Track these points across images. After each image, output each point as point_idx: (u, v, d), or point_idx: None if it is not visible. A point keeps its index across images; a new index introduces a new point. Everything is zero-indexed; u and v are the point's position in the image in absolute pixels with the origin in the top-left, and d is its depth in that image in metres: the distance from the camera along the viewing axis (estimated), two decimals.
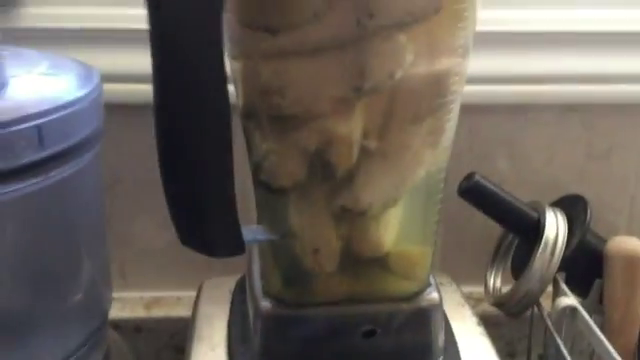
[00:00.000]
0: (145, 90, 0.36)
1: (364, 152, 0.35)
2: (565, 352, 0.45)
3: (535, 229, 0.50)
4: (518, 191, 0.55)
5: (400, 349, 0.39)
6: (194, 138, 0.33)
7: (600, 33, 0.55)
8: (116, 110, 0.50)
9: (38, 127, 0.35)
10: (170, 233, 0.64)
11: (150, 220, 0.61)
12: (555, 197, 0.55)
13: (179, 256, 0.63)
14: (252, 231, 0.37)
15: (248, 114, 0.37)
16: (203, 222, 0.34)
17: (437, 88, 0.35)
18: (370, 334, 0.39)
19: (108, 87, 0.47)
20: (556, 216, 0.51)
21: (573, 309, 0.46)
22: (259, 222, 0.39)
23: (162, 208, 0.63)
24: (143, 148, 0.58)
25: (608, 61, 0.56)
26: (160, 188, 0.62)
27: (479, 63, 0.54)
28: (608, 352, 0.42)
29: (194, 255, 0.64)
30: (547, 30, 0.55)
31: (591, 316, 0.51)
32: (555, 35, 0.55)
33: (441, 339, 0.40)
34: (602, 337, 0.43)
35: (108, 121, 0.45)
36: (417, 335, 0.39)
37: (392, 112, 0.35)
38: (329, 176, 0.36)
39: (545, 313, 0.48)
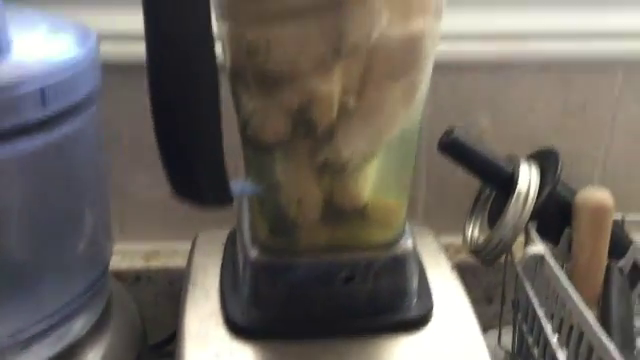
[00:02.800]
0: (142, 50, 0.39)
1: (343, 110, 0.38)
2: (532, 295, 0.48)
3: (510, 181, 0.53)
4: (497, 145, 0.58)
5: (377, 293, 0.43)
6: (184, 95, 0.35)
7: None
8: (114, 69, 0.52)
9: (41, 88, 0.37)
10: (167, 188, 0.67)
11: (147, 175, 0.63)
12: (533, 149, 0.58)
13: (175, 210, 0.66)
14: (240, 184, 0.40)
15: (235, 74, 0.39)
16: (193, 174, 0.37)
17: (411, 49, 0.38)
18: (349, 279, 0.42)
19: (106, 47, 0.49)
20: (529, 168, 0.54)
21: (541, 257, 0.49)
22: (247, 176, 0.42)
23: (159, 163, 0.66)
24: (140, 106, 0.61)
25: (583, 19, 0.58)
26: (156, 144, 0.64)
27: (460, 22, 0.57)
28: (570, 297, 0.45)
29: (190, 209, 0.67)
30: None
31: (562, 263, 0.54)
32: None
33: (415, 283, 0.44)
34: (566, 283, 0.46)
35: (106, 80, 0.47)
36: (393, 280, 0.43)
37: (369, 72, 0.37)
38: (311, 132, 0.39)
39: (516, 260, 0.52)
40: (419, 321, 0.43)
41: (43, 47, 0.40)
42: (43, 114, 0.38)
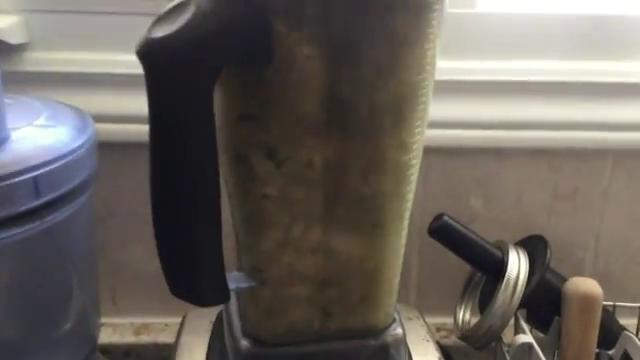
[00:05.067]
0: (138, 130, 0.39)
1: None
2: None
3: (499, 267, 0.53)
4: (489, 229, 0.59)
5: None
6: (187, 199, 0.36)
7: (566, 83, 0.59)
8: (111, 148, 0.53)
9: (34, 178, 0.38)
10: (159, 261, 0.68)
11: (141, 249, 0.64)
12: (523, 234, 0.59)
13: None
14: (234, 279, 0.40)
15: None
16: (193, 276, 0.37)
17: None
18: None
19: (104, 127, 0.50)
20: (518, 256, 0.54)
21: (530, 346, 0.49)
22: (240, 269, 0.42)
23: (152, 237, 0.67)
24: (136, 183, 0.62)
25: (574, 109, 0.59)
26: (150, 219, 0.65)
27: (455, 109, 0.58)
28: None
29: None
30: (517, 80, 0.59)
31: (553, 351, 0.54)
32: (524, 85, 0.59)
33: None
34: None
35: (103, 158, 0.48)
36: None
37: None
38: None
39: (505, 349, 0.51)
40: None
41: (40, 137, 0.41)
42: (36, 203, 0.39)
